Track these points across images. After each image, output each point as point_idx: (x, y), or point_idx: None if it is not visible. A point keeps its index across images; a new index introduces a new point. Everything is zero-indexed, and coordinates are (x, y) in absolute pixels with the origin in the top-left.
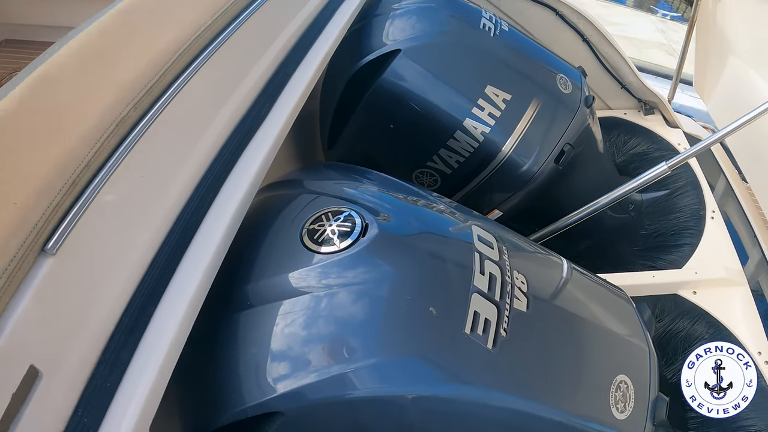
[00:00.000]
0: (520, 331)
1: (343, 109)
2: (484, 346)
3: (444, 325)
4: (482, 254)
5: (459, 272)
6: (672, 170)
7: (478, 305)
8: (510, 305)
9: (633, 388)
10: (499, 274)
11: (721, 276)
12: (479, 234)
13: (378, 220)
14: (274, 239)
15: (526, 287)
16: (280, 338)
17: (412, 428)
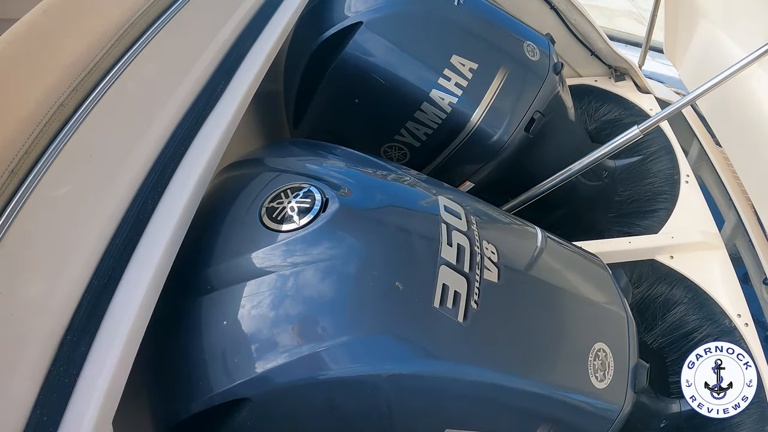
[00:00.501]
0: (492, 303)
1: (307, 86)
2: (455, 319)
3: (412, 300)
4: (449, 225)
5: (425, 244)
6: (644, 134)
7: (447, 278)
8: (480, 276)
9: (612, 355)
10: (468, 244)
11: (698, 240)
12: (446, 205)
13: (339, 194)
14: (233, 220)
15: (497, 257)
16: (242, 322)
17: (389, 409)
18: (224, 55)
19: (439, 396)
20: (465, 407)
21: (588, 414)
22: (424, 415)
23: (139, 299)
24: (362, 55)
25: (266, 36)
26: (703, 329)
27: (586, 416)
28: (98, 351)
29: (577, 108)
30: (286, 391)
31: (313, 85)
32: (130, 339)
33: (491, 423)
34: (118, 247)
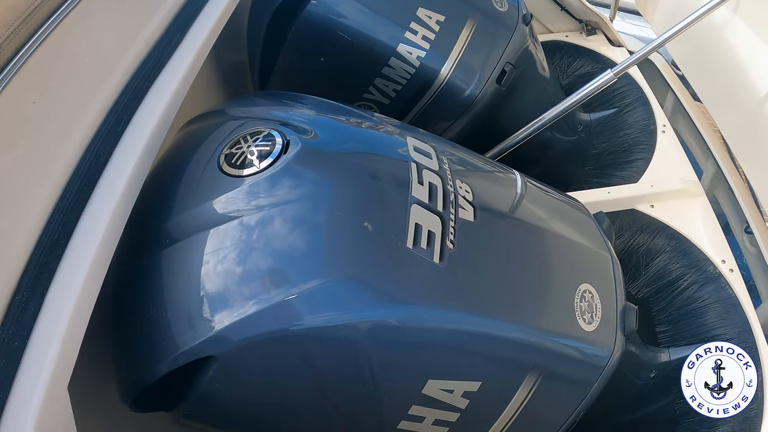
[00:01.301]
0: (469, 242)
1: (270, 48)
2: (430, 260)
3: (383, 241)
4: (420, 164)
5: (394, 183)
6: (618, 77)
7: (419, 217)
8: (455, 215)
9: (599, 297)
10: (440, 183)
11: (678, 188)
12: (416, 145)
13: (300, 136)
14: (193, 171)
15: (472, 196)
16: (202, 274)
17: (365, 359)
18: (181, 5)
19: (419, 344)
20: (447, 356)
21: (577, 360)
22: (404, 365)
23: (91, 255)
24: (326, 11)
25: None
26: (688, 277)
27: (575, 362)
28: (50, 310)
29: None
30: (253, 346)
31: (276, 46)
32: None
33: (476, 372)
34: (68, 202)
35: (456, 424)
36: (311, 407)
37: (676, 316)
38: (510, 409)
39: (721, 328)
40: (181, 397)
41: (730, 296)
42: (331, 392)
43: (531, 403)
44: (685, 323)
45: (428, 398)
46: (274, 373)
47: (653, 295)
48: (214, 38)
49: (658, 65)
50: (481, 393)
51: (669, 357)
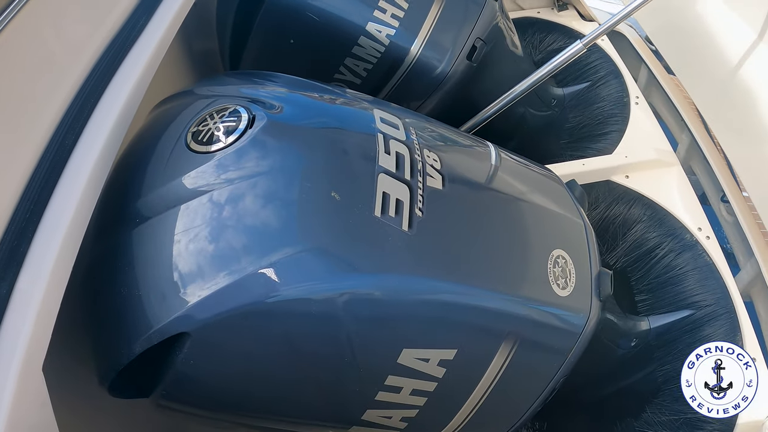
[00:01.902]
0: (438, 209)
1: (239, 32)
2: (399, 228)
3: (351, 210)
4: (386, 135)
5: (361, 153)
6: (587, 47)
7: (387, 186)
8: (423, 183)
9: (572, 262)
10: (407, 152)
11: (652, 158)
12: (383, 117)
13: (267, 111)
14: (162, 150)
15: (440, 165)
16: (172, 250)
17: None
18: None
19: (391, 313)
20: (420, 324)
21: (553, 325)
22: (377, 335)
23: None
24: None
25: None
26: (665, 245)
27: (551, 328)
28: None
29: (522, 41)
30: (225, 321)
31: (245, 30)
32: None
33: (451, 339)
34: (36, 186)
35: (434, 393)
36: (287, 380)
37: (654, 285)
38: (488, 377)
39: (699, 294)
40: (159, 377)
41: (708, 263)
42: (305, 364)
43: (509, 370)
44: (664, 291)
45: (404, 368)
46: (246, 347)
47: (631, 265)
48: (179, 22)
49: (632, 40)
50: (458, 361)
51: (649, 325)
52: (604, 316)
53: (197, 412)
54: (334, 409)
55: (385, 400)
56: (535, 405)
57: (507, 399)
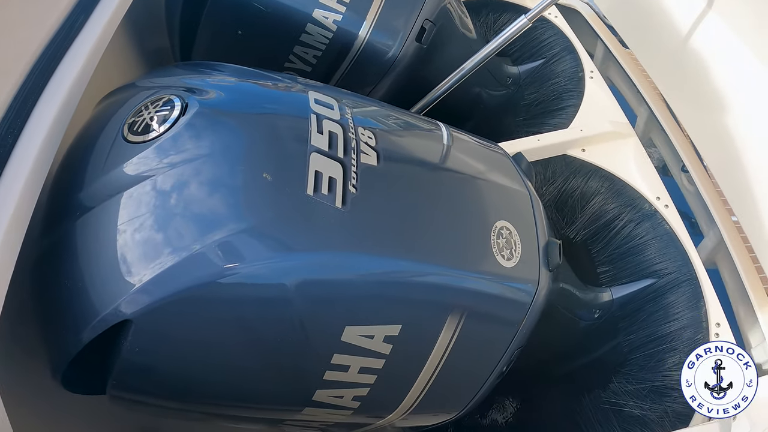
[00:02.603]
0: (373, 186)
1: (188, 27)
2: (332, 205)
3: (283, 190)
4: (320, 115)
5: (292, 134)
6: (532, 21)
7: (319, 164)
8: (357, 160)
9: (517, 233)
10: (341, 131)
11: (608, 130)
12: (317, 98)
13: (200, 98)
14: (102, 143)
15: (375, 142)
16: (110, 238)
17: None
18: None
19: (330, 290)
20: (360, 300)
21: (500, 296)
22: (318, 313)
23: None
24: None
25: None
26: (624, 216)
27: (499, 300)
28: None
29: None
30: (164, 306)
31: (193, 25)
32: None
33: (394, 315)
34: None
35: (383, 370)
36: (231, 364)
37: (615, 256)
38: (437, 351)
39: (660, 263)
40: (109, 367)
41: (668, 231)
42: (247, 347)
43: (459, 343)
44: (625, 261)
45: (349, 345)
46: (187, 332)
47: (591, 237)
48: (117, 19)
49: (586, 15)
50: (404, 336)
51: (611, 296)
52: (557, 287)
53: (150, 400)
54: (284, 391)
55: (333, 379)
56: (490, 378)
57: (461, 373)
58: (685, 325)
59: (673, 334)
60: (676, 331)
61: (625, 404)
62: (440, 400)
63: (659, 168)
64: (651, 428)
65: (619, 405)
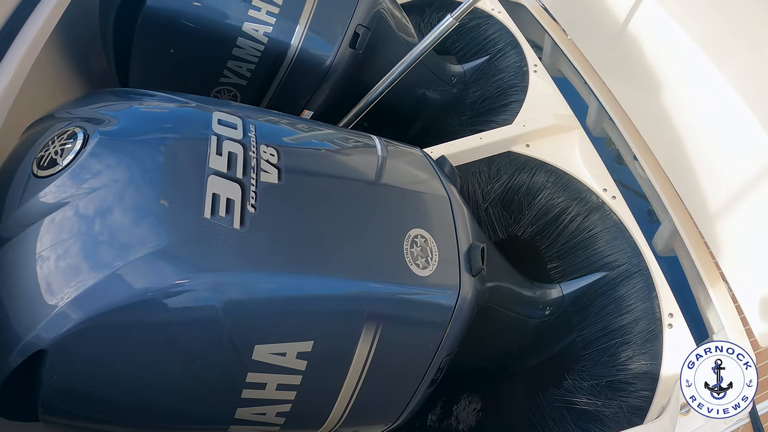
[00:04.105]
0: (273, 204)
1: (120, 48)
2: (230, 226)
3: (180, 215)
4: (220, 136)
5: (190, 158)
6: (459, 20)
7: (217, 187)
8: (257, 180)
9: (434, 240)
10: (241, 151)
11: (551, 123)
12: (221, 118)
13: (101, 128)
14: (17, 178)
15: (277, 159)
16: (19, 273)
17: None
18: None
19: (233, 310)
20: (265, 319)
21: (417, 305)
22: (224, 334)
23: None
24: (165, 3)
25: None
26: (571, 209)
27: (416, 308)
28: None
29: (419, 22)
30: (75, 335)
31: (126, 45)
32: None
33: (303, 331)
34: None
35: (302, 386)
36: (147, 386)
37: (564, 250)
38: (357, 363)
39: (610, 255)
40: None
41: (616, 223)
42: (161, 366)
43: (379, 354)
44: (575, 256)
45: (261, 364)
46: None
47: (539, 233)
48: (39, 46)
49: (531, 9)
50: (318, 351)
51: (561, 292)
52: (493, 289)
53: (81, 424)
54: (206, 411)
55: (252, 397)
56: (422, 386)
57: (387, 383)
58: (638, 317)
59: (626, 327)
60: (628, 324)
61: (579, 401)
62: (371, 411)
63: (614, 157)
64: (606, 424)
65: (573, 402)
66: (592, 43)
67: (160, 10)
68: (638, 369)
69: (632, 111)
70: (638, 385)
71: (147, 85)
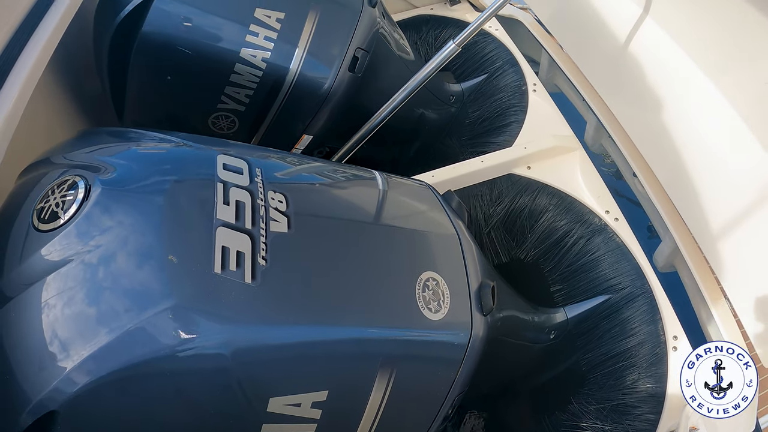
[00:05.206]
0: (284, 255)
1: (116, 74)
2: (242, 281)
3: (190, 271)
4: (227, 183)
5: (197, 209)
6: (461, 47)
7: (226, 239)
8: (266, 230)
9: (445, 282)
10: (249, 199)
11: (552, 145)
12: (226, 162)
13: (102, 177)
14: (16, 230)
15: (285, 206)
16: (25, 334)
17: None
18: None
19: (247, 364)
20: (280, 371)
21: (430, 349)
22: (238, 388)
23: None
24: (161, 29)
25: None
26: (574, 232)
27: (429, 352)
28: None
29: (416, 40)
30: (87, 394)
31: (121, 71)
32: None
33: (318, 381)
34: None
35: None
36: None
37: (567, 273)
38: (371, 409)
39: (614, 278)
40: None
41: (619, 245)
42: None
43: (393, 398)
44: (578, 278)
45: (276, 415)
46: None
47: (542, 256)
48: (34, 80)
49: (527, 24)
50: (333, 400)
51: (566, 315)
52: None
53: None
54: None
55: None
56: (434, 425)
57: (401, 425)
58: (643, 340)
59: (631, 350)
60: (633, 347)
61: (586, 426)
62: None
63: (613, 173)
64: None
65: (580, 427)
66: (588, 58)
67: (157, 36)
68: (644, 392)
69: (630, 127)
70: (644, 408)
71: (143, 111)
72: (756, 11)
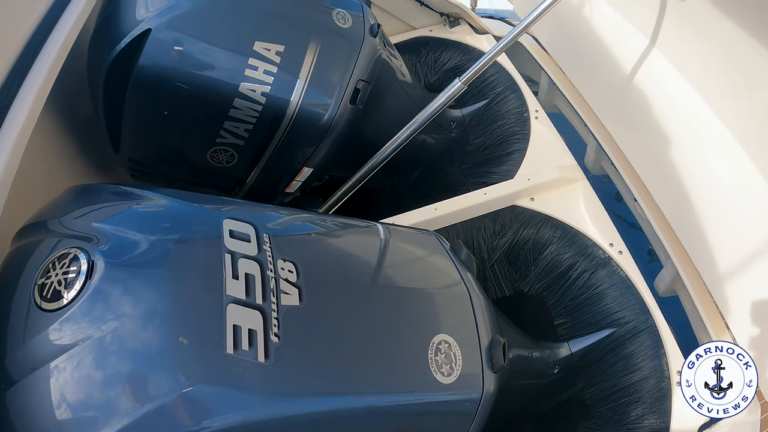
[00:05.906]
0: (296, 330)
1: (111, 109)
2: (255, 361)
3: (201, 353)
4: (235, 254)
5: (205, 286)
6: (467, 85)
7: (237, 317)
8: (277, 304)
9: (457, 344)
10: (258, 271)
11: (555, 176)
12: (232, 229)
13: (103, 248)
14: (16, 306)
15: (296, 276)
16: (35, 420)
17: None
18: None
19: None
20: None
21: (443, 412)
22: None
23: None
24: (157, 64)
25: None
26: (578, 266)
27: (442, 411)
28: None
29: (415, 62)
30: None
31: (117, 106)
32: None
33: None
34: None
35: None
36: None
37: (571, 307)
38: None
39: (618, 312)
40: None
41: (623, 279)
42: None
43: None
44: (582, 312)
45: None
46: None
47: (546, 289)
48: (33, 121)
49: (527, 46)
50: None
51: (570, 350)
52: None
53: None
54: None
55: None
56: None
57: None
58: (647, 375)
59: (636, 385)
60: (638, 382)
61: None
62: None
63: (614, 195)
64: None
65: None
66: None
67: (153, 70)
68: (648, 428)
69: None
70: None
71: (140, 147)
72: (759, 38)
